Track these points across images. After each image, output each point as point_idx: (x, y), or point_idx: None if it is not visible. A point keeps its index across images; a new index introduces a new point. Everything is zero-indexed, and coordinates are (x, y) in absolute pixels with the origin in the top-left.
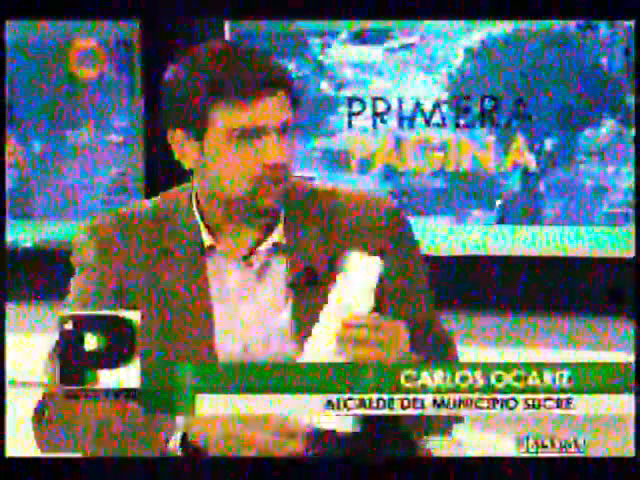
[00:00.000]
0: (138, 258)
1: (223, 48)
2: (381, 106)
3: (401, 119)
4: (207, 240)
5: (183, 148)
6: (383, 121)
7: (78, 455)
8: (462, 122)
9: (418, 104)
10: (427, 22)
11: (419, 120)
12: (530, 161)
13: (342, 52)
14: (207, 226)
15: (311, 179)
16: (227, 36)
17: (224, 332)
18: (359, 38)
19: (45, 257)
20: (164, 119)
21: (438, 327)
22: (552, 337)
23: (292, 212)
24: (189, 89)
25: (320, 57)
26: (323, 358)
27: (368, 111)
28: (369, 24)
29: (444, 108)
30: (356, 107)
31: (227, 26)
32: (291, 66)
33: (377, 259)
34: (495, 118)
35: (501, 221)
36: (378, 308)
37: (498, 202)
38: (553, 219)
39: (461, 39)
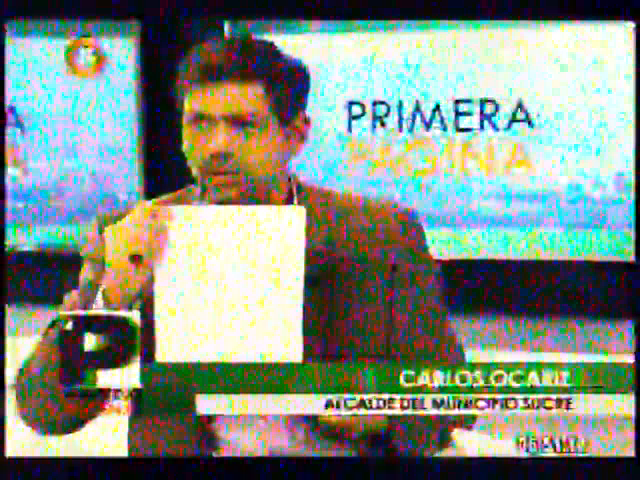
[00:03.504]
0: None
1: (217, 39)
2: (381, 109)
3: (401, 122)
4: None
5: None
6: (383, 124)
7: (77, 455)
8: (462, 125)
9: (418, 107)
10: (427, 24)
11: (419, 123)
12: (530, 164)
13: (342, 54)
14: None
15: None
16: (227, 36)
17: None
18: (359, 40)
19: (44, 260)
20: None
21: (447, 339)
22: (552, 340)
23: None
24: (176, 76)
25: (320, 59)
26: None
27: (368, 115)
28: (369, 26)
29: (444, 111)
30: (356, 111)
31: (227, 26)
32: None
33: None
34: (495, 121)
35: (501, 224)
36: (390, 317)
37: (498, 205)
38: (553, 222)
39: (461, 41)
